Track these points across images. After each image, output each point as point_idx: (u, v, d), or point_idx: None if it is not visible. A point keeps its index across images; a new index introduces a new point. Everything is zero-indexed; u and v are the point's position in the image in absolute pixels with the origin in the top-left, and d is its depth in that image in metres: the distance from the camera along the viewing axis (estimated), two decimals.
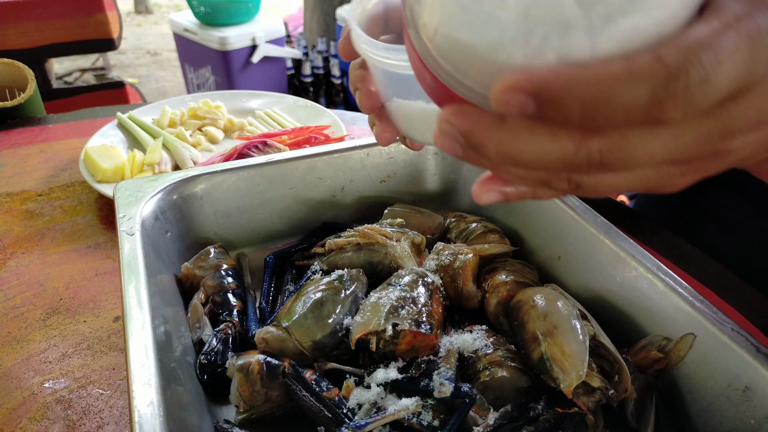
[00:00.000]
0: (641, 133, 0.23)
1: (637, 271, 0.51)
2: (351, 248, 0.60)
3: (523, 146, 0.24)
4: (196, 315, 0.55)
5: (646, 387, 0.48)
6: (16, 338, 0.58)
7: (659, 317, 0.49)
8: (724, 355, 0.44)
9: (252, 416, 0.46)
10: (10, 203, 0.81)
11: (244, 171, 0.64)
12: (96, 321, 0.61)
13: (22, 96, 1.03)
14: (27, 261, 0.69)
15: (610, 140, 0.23)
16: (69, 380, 0.54)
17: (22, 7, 1.53)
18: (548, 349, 0.45)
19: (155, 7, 5.94)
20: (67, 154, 0.94)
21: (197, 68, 2.89)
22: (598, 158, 0.24)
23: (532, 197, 0.31)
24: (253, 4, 2.71)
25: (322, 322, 0.50)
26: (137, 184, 0.60)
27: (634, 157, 0.24)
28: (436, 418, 0.44)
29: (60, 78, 3.44)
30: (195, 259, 0.60)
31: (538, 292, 0.51)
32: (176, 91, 3.95)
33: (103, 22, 1.67)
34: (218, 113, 1.03)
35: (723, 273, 0.66)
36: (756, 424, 0.41)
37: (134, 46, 4.81)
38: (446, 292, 0.57)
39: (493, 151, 0.25)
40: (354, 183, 0.71)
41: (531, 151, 0.24)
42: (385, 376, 0.46)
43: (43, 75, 1.72)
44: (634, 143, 0.24)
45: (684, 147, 0.24)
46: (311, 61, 3.01)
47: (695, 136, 0.24)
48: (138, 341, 0.41)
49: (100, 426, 0.49)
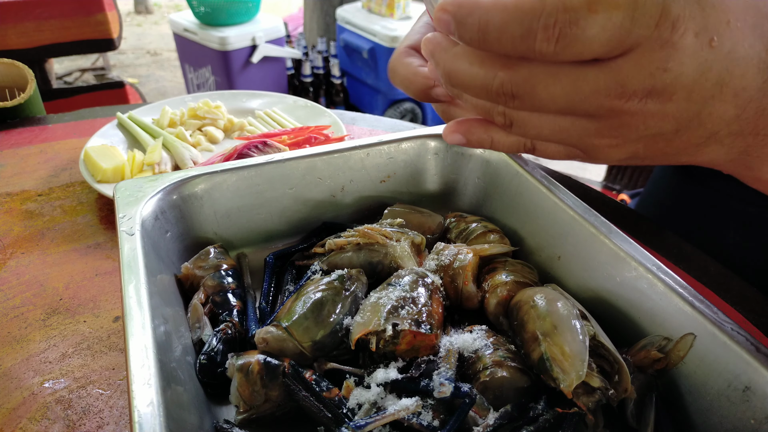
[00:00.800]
0: (543, 71, 0.27)
1: (637, 271, 0.51)
2: (351, 248, 0.60)
3: (459, 67, 0.30)
4: (196, 315, 0.55)
5: (646, 387, 0.48)
6: (16, 338, 0.58)
7: (659, 317, 0.49)
8: (724, 355, 0.44)
9: (252, 416, 0.46)
10: (10, 203, 0.81)
11: (244, 171, 0.64)
12: (96, 321, 0.61)
13: (22, 96, 1.03)
14: (27, 261, 0.69)
15: (517, 74, 0.28)
16: (69, 380, 0.54)
17: (22, 7, 1.53)
18: (548, 349, 0.45)
19: (155, 7, 5.94)
20: (67, 154, 0.94)
21: (197, 68, 2.89)
22: (510, 89, 0.28)
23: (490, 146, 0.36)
24: (253, 4, 2.71)
25: (322, 322, 0.50)
26: (137, 184, 0.60)
27: (539, 94, 0.28)
28: (436, 418, 0.44)
29: (60, 78, 3.44)
30: (195, 259, 0.60)
31: (538, 292, 0.51)
32: (176, 91, 3.95)
33: (103, 22, 1.67)
34: (218, 113, 1.03)
35: (723, 273, 0.66)
36: (756, 424, 0.41)
37: (134, 46, 4.81)
38: (446, 292, 0.57)
39: (443, 70, 0.31)
40: (354, 183, 0.71)
41: (463, 71, 0.30)
42: (385, 376, 0.46)
43: (43, 75, 1.72)
44: (537, 80, 0.28)
45: (583, 98, 0.28)
46: (311, 61, 3.01)
47: (591, 87, 0.27)
48: (138, 341, 0.41)
49: (100, 426, 0.49)
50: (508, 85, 0.28)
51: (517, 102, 0.29)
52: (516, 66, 0.28)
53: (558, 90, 0.27)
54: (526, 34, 0.25)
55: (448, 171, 0.74)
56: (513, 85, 0.28)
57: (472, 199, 0.74)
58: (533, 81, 0.28)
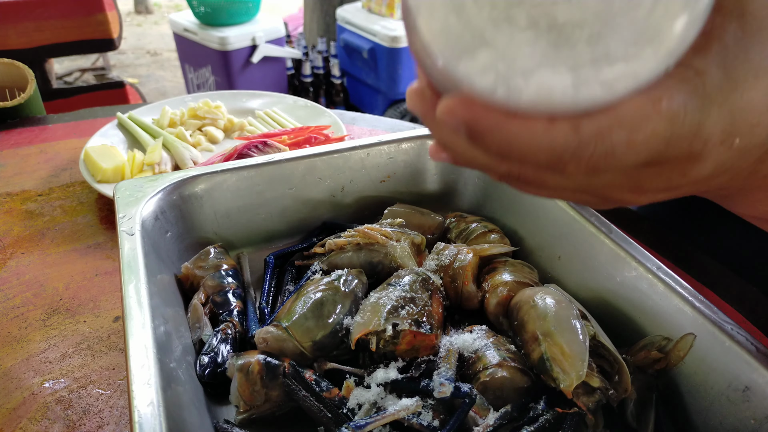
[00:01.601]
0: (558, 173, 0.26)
1: (637, 271, 0.51)
2: (351, 248, 0.60)
3: (457, 148, 0.28)
4: (196, 315, 0.55)
5: (646, 387, 0.48)
6: (16, 338, 0.58)
7: (659, 317, 0.49)
8: (724, 355, 0.44)
9: (252, 416, 0.46)
10: (10, 203, 0.81)
11: (244, 171, 0.64)
12: (96, 321, 0.61)
13: (22, 96, 1.03)
14: (27, 261, 0.69)
15: (527, 168, 0.26)
16: (69, 380, 0.54)
17: (22, 7, 1.53)
18: (548, 349, 0.45)
19: (155, 7, 5.94)
20: (67, 154, 0.94)
21: (197, 68, 2.89)
22: (517, 176, 0.27)
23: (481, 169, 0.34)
24: (253, 4, 2.71)
25: (322, 322, 0.50)
26: (137, 184, 0.60)
27: (548, 186, 0.27)
28: (436, 418, 0.44)
29: (60, 78, 3.44)
30: (195, 259, 0.60)
31: (538, 292, 0.51)
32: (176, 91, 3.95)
33: (103, 22, 1.67)
34: (218, 113, 1.03)
35: (723, 273, 0.66)
36: (756, 424, 0.41)
37: (134, 46, 4.81)
38: (446, 292, 0.57)
39: (435, 138, 0.29)
40: (354, 183, 0.71)
41: (463, 154, 0.28)
42: (385, 376, 0.46)
43: (43, 75, 1.72)
44: (548, 176, 0.26)
45: (596, 189, 0.27)
46: (311, 61, 3.01)
47: (605, 184, 0.26)
48: (138, 341, 0.41)
49: (100, 426, 0.49)
50: (515, 175, 0.27)
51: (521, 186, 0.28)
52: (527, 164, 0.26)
53: (570, 184, 0.27)
54: (555, 162, 0.23)
55: (448, 171, 0.74)
56: (521, 176, 0.27)
57: (472, 199, 0.74)
58: (544, 177, 0.26)
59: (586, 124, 0.22)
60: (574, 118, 0.22)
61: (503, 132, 0.23)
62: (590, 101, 0.21)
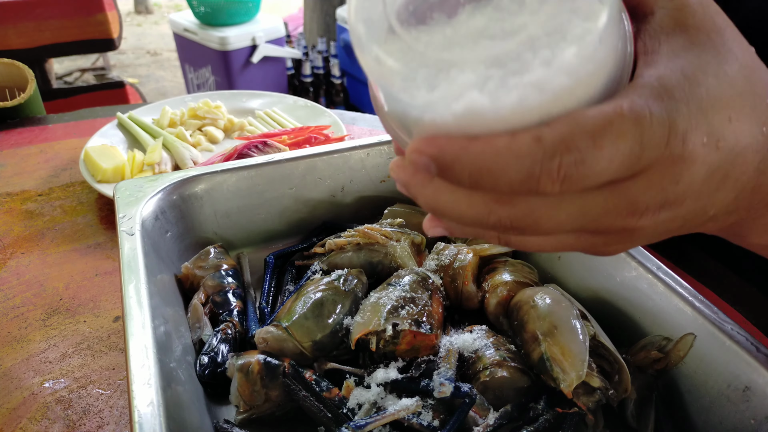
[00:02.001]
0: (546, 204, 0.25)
1: (637, 271, 0.51)
2: (351, 248, 0.60)
3: (445, 204, 0.26)
4: (196, 315, 0.55)
5: (646, 387, 0.48)
6: (16, 338, 0.58)
7: (659, 317, 0.49)
8: (724, 355, 0.44)
9: (252, 416, 0.46)
10: (10, 203, 0.81)
11: (244, 171, 0.64)
12: (96, 321, 0.61)
13: (22, 96, 1.03)
14: (27, 261, 0.69)
15: (518, 209, 0.25)
16: (69, 380, 0.54)
17: (22, 7, 1.53)
18: (548, 349, 0.45)
19: (155, 7, 5.94)
20: (67, 154, 0.94)
21: (197, 68, 2.89)
22: (509, 224, 0.25)
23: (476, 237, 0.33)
24: (253, 4, 2.71)
25: (322, 322, 0.50)
26: (137, 184, 0.60)
27: (543, 226, 0.25)
28: (436, 418, 0.44)
29: (60, 78, 3.44)
30: (195, 259, 0.60)
31: (538, 292, 0.51)
32: (176, 91, 3.95)
33: (103, 22, 1.67)
34: (218, 113, 1.03)
35: (723, 273, 0.66)
36: (756, 424, 0.41)
37: (134, 46, 4.81)
38: (446, 292, 0.57)
39: (423, 204, 0.27)
40: (354, 183, 0.71)
41: (452, 209, 0.26)
42: (385, 376, 0.46)
43: (43, 75, 1.72)
44: (540, 213, 0.25)
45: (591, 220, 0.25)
46: (311, 61, 3.01)
47: (600, 210, 0.25)
48: (138, 341, 0.41)
49: (100, 426, 0.49)
50: (506, 221, 0.25)
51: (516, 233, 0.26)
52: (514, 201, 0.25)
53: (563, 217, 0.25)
54: (526, 178, 0.22)
55: None
56: (512, 220, 0.25)
57: None
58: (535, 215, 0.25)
59: (546, 133, 0.22)
60: (534, 129, 0.22)
61: (469, 155, 0.23)
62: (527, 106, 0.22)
